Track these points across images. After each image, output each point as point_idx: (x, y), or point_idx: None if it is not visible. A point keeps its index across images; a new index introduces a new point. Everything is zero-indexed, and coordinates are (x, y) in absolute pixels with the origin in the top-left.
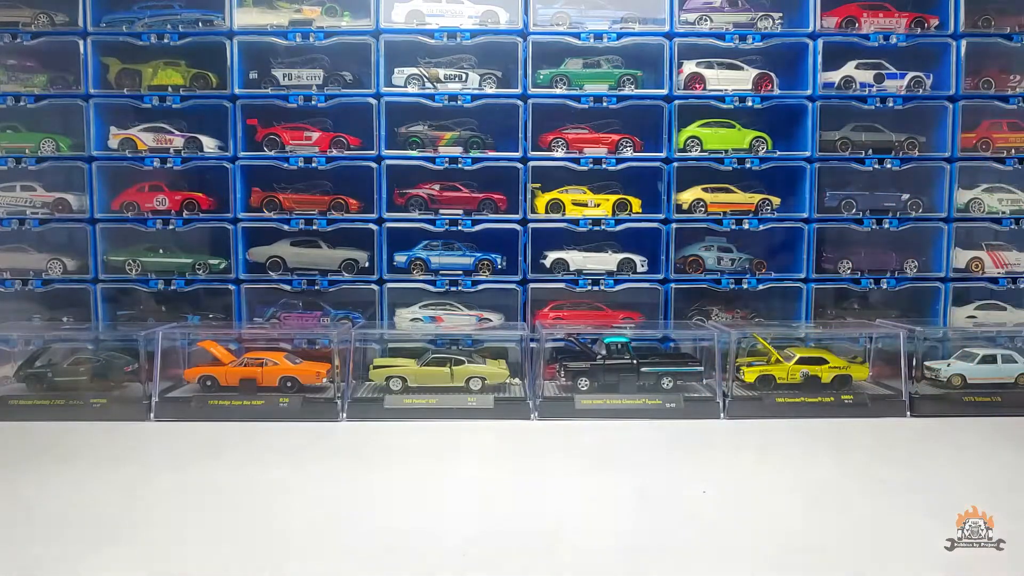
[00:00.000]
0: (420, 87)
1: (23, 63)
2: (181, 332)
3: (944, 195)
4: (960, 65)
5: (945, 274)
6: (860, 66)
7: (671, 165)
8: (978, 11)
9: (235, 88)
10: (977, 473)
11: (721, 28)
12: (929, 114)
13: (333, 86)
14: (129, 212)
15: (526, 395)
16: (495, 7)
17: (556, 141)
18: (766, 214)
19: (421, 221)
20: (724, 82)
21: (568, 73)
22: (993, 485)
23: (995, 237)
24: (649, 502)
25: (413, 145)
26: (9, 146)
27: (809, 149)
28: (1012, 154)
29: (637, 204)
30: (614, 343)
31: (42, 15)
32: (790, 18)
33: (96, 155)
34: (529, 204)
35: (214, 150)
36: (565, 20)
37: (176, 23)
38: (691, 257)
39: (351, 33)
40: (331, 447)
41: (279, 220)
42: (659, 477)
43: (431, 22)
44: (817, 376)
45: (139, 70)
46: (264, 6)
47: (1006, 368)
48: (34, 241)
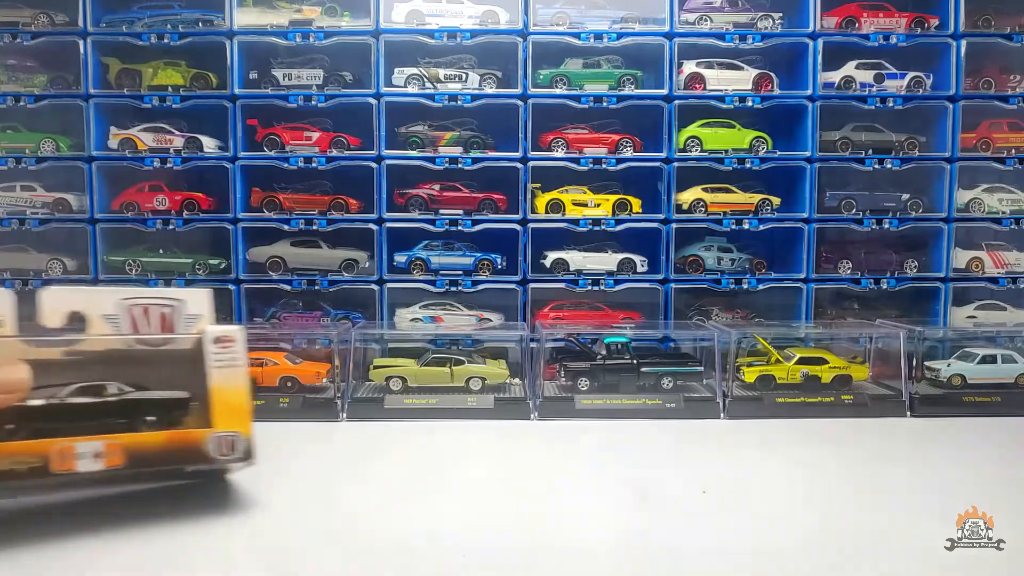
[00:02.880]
0: (420, 87)
1: (23, 63)
2: None
3: (944, 195)
4: (960, 65)
5: (945, 274)
6: (860, 66)
7: (671, 165)
8: (978, 11)
9: (235, 88)
10: (977, 473)
11: (721, 28)
12: (929, 114)
13: (333, 86)
14: (129, 212)
15: (526, 395)
16: (495, 7)
17: (556, 141)
18: (766, 214)
19: (421, 221)
20: (724, 82)
21: (568, 73)
22: (993, 485)
23: (995, 237)
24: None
25: (413, 145)
26: (9, 146)
27: (809, 149)
28: (1012, 154)
29: (637, 204)
30: (614, 343)
31: (42, 15)
32: (790, 18)
33: (96, 155)
34: (529, 204)
35: (214, 150)
36: (565, 20)
37: (176, 23)
38: (691, 257)
39: (351, 33)
40: (331, 447)
41: (279, 220)
42: (659, 477)
43: (431, 22)
44: (817, 376)
45: (139, 70)
46: (264, 6)
47: (1006, 368)
48: (34, 241)
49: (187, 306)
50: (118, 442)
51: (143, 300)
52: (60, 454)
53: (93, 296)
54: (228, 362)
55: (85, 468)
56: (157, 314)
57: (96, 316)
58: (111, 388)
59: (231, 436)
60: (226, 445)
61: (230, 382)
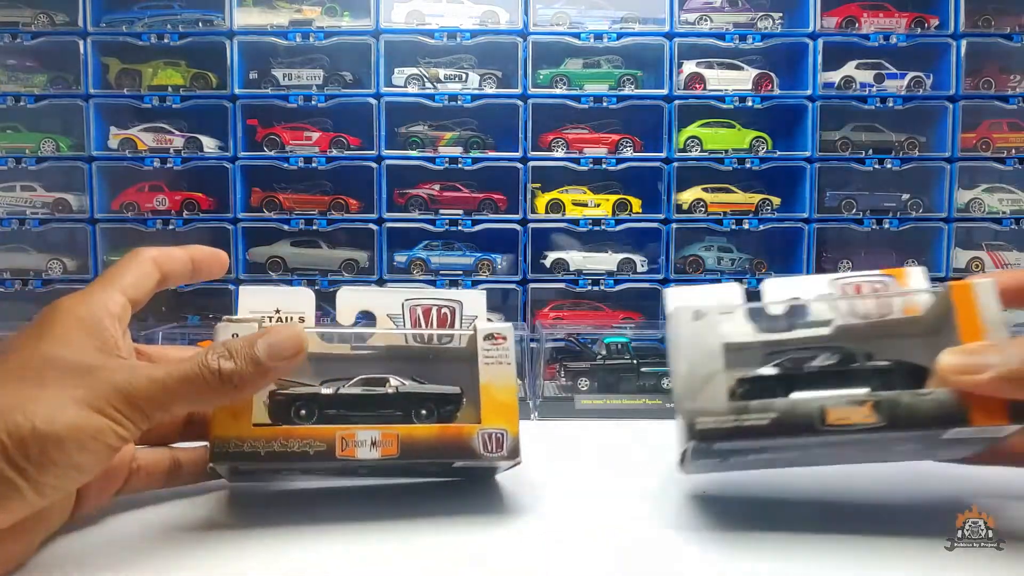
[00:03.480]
0: (420, 87)
1: (23, 63)
2: (181, 332)
3: (944, 195)
4: (960, 65)
5: (946, 274)
6: (860, 66)
7: (671, 165)
8: (978, 11)
9: (235, 88)
10: (977, 473)
11: (721, 28)
12: (929, 114)
13: (333, 86)
14: (129, 212)
15: (526, 395)
16: (495, 7)
17: (556, 141)
18: (766, 214)
19: (421, 221)
20: (724, 82)
21: (568, 73)
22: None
23: (995, 237)
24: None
25: (413, 145)
26: (9, 146)
27: (809, 149)
28: (1012, 154)
29: (637, 204)
30: (614, 343)
31: (42, 15)
32: (790, 18)
33: (96, 155)
34: (529, 204)
35: (214, 150)
36: (565, 20)
37: (176, 23)
38: (691, 257)
39: (351, 33)
40: None
41: (279, 220)
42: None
43: (431, 22)
44: None
45: (139, 70)
46: (264, 6)
47: None
48: (34, 241)
49: (465, 307)
50: (393, 432)
51: (426, 301)
52: (343, 440)
53: (381, 297)
54: (497, 359)
55: (364, 455)
56: (437, 314)
57: (383, 315)
58: (392, 381)
59: (499, 432)
60: (494, 442)
61: (499, 379)
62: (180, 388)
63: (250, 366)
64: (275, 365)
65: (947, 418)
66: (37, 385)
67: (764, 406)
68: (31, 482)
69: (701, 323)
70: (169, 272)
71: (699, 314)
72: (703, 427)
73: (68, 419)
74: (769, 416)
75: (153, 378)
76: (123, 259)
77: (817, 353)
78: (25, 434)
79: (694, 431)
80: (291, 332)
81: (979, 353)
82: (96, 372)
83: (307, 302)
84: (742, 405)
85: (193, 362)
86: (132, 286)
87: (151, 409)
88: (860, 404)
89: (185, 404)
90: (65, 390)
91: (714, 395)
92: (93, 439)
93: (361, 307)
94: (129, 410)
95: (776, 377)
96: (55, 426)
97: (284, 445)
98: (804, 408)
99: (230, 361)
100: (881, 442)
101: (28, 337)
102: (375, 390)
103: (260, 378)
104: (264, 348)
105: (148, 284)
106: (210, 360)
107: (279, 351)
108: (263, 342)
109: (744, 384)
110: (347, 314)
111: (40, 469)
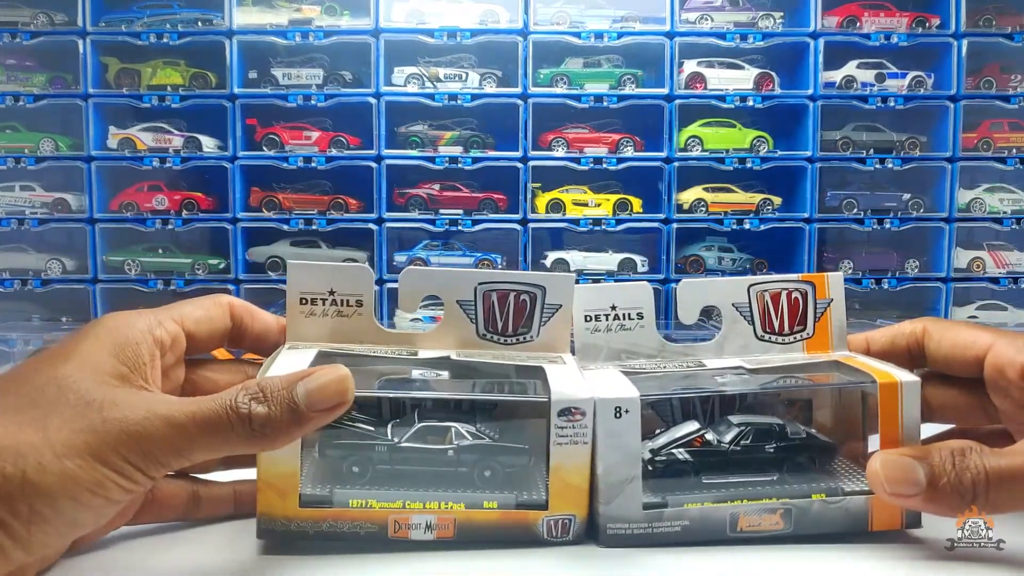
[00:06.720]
0: (420, 86)
1: (22, 63)
2: None
3: (945, 195)
4: (961, 65)
5: (946, 274)
6: (861, 65)
7: (672, 165)
8: (979, 11)
9: (234, 88)
10: None
11: (722, 27)
12: (930, 114)
13: (333, 85)
14: (128, 212)
15: None
16: (495, 6)
17: (556, 141)
18: (767, 214)
19: (421, 221)
20: (725, 81)
21: (568, 72)
22: None
23: (996, 237)
24: None
25: (413, 145)
26: (8, 146)
27: (810, 149)
28: (1013, 154)
29: (638, 204)
30: None
31: (41, 15)
32: (791, 17)
33: (95, 155)
34: (529, 204)
35: (213, 150)
36: (565, 19)
37: (175, 22)
38: (692, 257)
39: (351, 32)
40: None
41: (279, 220)
42: None
43: (431, 21)
44: None
45: (138, 70)
46: (263, 5)
47: None
48: (33, 241)
49: (548, 294)
50: (451, 516)
51: (502, 285)
52: (396, 523)
53: (450, 279)
54: (572, 438)
55: (417, 537)
56: (515, 302)
57: (451, 301)
58: (453, 433)
59: (566, 519)
60: (560, 528)
61: (572, 459)
62: (202, 434)
63: (286, 414)
64: (314, 416)
65: (851, 525)
66: (42, 419)
67: (677, 514)
68: (16, 540)
69: (622, 421)
70: (245, 328)
71: (620, 411)
72: (614, 533)
73: (62, 469)
74: (681, 524)
75: (173, 421)
76: (202, 296)
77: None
78: (13, 486)
79: (605, 536)
80: (337, 377)
81: (911, 469)
82: (108, 409)
83: (366, 282)
84: (656, 514)
85: (220, 402)
86: (193, 319)
87: (166, 457)
88: (772, 512)
89: (207, 451)
90: (67, 432)
91: (628, 502)
92: (91, 493)
93: (427, 291)
94: (139, 458)
95: (688, 462)
96: (47, 477)
97: (333, 527)
98: (717, 516)
99: (263, 405)
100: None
101: (60, 350)
102: (436, 447)
103: (296, 428)
104: (304, 394)
105: (213, 325)
106: (240, 402)
107: (321, 400)
108: (303, 387)
109: (656, 462)
110: (411, 300)
111: (28, 525)
